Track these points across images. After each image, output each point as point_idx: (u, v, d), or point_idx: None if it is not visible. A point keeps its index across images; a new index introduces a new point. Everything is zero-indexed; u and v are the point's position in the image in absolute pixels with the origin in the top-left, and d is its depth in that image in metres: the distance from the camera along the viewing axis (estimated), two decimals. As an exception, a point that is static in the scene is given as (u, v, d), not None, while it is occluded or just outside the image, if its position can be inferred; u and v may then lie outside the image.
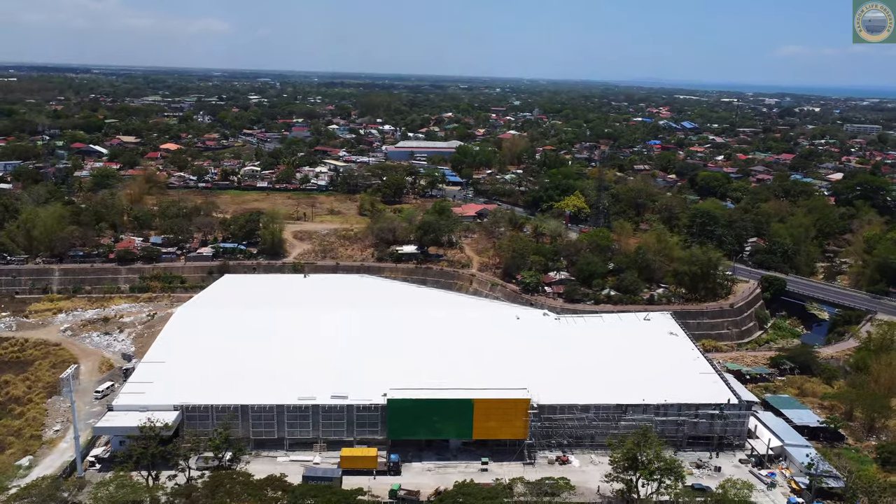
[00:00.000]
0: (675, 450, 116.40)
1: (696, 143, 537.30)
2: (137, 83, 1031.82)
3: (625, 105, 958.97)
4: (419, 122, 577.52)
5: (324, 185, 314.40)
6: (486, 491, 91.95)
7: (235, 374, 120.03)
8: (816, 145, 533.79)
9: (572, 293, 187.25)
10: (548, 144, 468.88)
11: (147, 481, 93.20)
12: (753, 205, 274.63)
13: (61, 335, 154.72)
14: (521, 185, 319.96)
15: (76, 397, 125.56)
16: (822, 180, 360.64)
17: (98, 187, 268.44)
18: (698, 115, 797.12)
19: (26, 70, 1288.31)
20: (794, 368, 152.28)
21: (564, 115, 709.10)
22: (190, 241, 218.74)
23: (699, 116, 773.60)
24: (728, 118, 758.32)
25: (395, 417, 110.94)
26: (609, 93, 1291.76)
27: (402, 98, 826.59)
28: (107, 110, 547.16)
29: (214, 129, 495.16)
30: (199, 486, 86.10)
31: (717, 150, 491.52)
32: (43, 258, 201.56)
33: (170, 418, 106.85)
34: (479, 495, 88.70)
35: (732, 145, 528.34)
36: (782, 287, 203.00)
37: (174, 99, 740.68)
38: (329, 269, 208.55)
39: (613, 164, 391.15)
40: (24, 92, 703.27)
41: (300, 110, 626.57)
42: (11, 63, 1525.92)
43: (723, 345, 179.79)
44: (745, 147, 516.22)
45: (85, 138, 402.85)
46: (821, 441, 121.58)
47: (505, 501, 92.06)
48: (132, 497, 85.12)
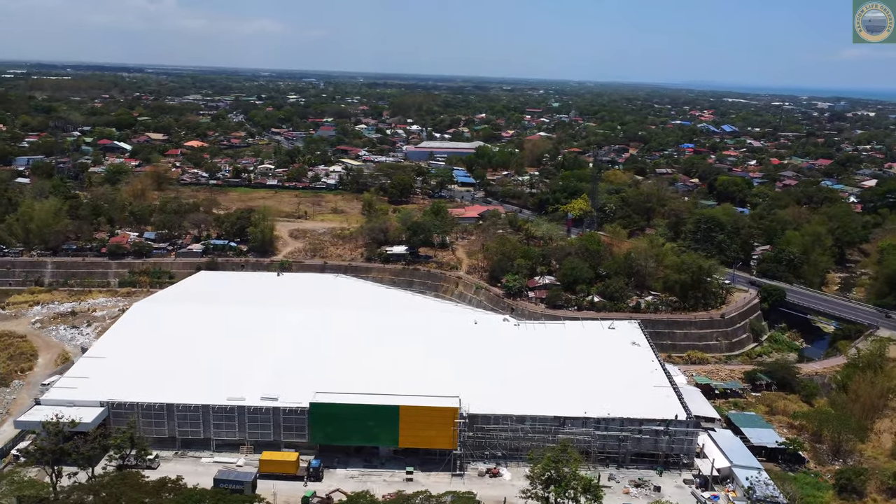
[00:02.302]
0: (617, 466, 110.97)
1: (731, 146, 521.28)
2: (184, 82, 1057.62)
3: (668, 107, 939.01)
4: (448, 123, 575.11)
5: (333, 184, 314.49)
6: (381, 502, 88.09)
7: (172, 371, 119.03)
8: (860, 151, 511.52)
9: (554, 299, 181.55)
10: (574, 146, 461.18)
11: (52, 478, 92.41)
12: (770, 211, 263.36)
13: (30, 327, 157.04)
14: (533, 187, 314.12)
15: (25, 390, 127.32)
16: (855, 187, 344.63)
17: (109, 183, 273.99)
18: (741, 118, 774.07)
19: (83, 69, 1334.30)
20: (771, 384, 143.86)
21: (600, 117, 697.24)
22: (182, 237, 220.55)
23: (742, 120, 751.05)
24: (772, 122, 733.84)
25: (319, 422, 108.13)
26: (654, 95, 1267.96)
27: (436, 99, 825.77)
28: (144, 108, 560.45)
29: (243, 127, 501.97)
30: (86, 486, 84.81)
31: (753, 155, 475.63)
32: (38, 251, 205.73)
33: (93, 415, 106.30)
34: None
35: (770, 150, 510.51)
36: (781, 298, 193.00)
37: (213, 98, 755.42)
38: (317, 268, 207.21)
39: (635, 166, 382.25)
40: (72, 90, 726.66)
41: (332, 110, 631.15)
42: (71, 62, 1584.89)
43: (710, 357, 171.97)
44: (783, 152, 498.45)
45: (114, 135, 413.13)
46: (779, 463, 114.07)
47: None
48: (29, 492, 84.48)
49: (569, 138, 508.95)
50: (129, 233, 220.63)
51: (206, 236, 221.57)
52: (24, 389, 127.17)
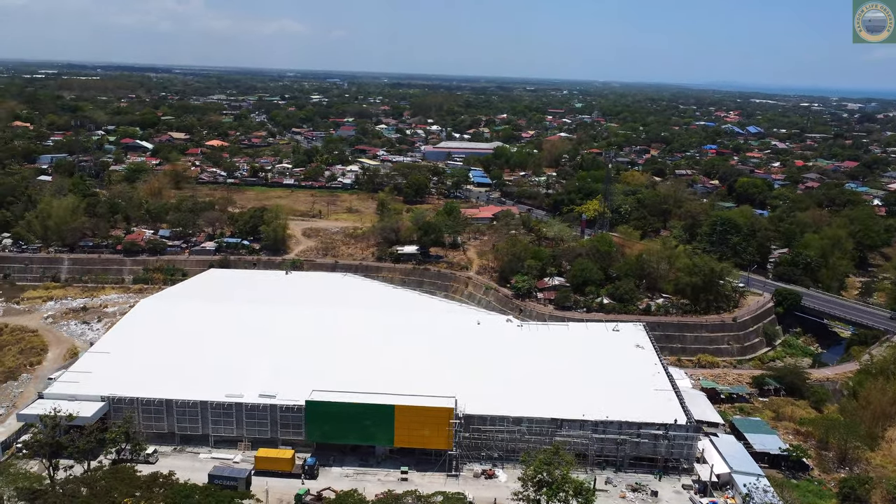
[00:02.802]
0: (616, 470, 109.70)
1: (755, 148, 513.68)
2: (210, 83, 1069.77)
3: (693, 108, 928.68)
4: (468, 123, 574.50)
5: (349, 184, 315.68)
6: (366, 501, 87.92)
7: (174, 367, 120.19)
8: (889, 153, 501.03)
9: (563, 300, 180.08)
10: (595, 147, 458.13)
11: (49, 470, 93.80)
12: (789, 213, 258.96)
13: (42, 322, 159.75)
14: (550, 187, 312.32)
15: (33, 383, 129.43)
16: (881, 190, 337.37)
17: (128, 181, 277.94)
18: (767, 119, 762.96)
19: (112, 69, 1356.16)
20: (779, 389, 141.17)
21: (622, 117, 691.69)
22: (196, 235, 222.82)
23: (768, 121, 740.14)
24: (799, 123, 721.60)
25: (315, 420, 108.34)
26: (679, 96, 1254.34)
27: (458, 99, 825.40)
28: (168, 108, 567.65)
29: (264, 127, 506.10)
30: (79, 479, 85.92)
31: (777, 157, 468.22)
32: (55, 247, 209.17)
33: (93, 409, 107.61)
34: None
35: (795, 151, 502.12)
36: (796, 302, 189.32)
37: (237, 98, 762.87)
38: (328, 267, 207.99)
39: (654, 167, 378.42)
40: (100, 90, 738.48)
41: (353, 110, 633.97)
42: (101, 63, 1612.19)
43: (721, 361, 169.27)
44: (808, 153, 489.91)
45: (137, 134, 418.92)
46: (782, 470, 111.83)
47: None
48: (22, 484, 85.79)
49: (589, 139, 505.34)
50: (145, 230, 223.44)
51: (219, 234, 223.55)
52: (32, 383, 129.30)
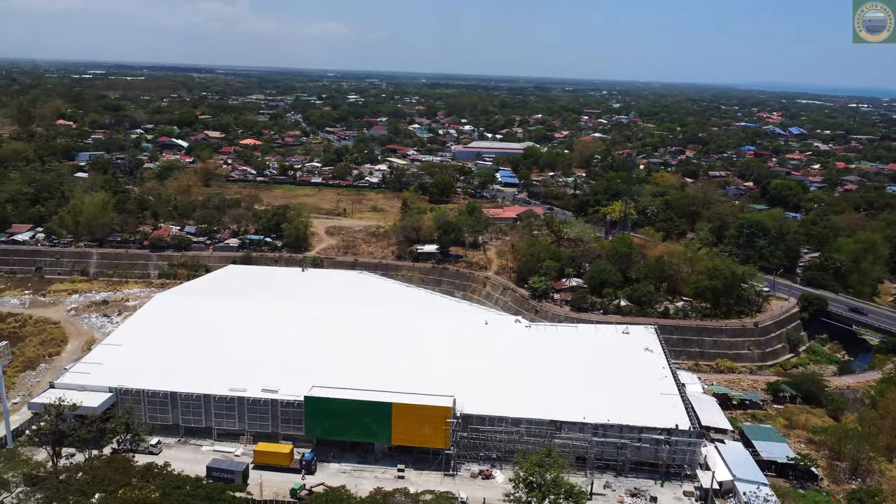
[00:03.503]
0: (616, 474, 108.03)
1: (796, 150, 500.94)
2: (251, 83, 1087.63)
3: (734, 109, 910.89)
4: (501, 123, 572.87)
5: (376, 183, 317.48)
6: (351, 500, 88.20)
7: (182, 360, 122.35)
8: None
9: (579, 301, 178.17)
10: (628, 148, 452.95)
11: (52, 458, 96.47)
12: (823, 216, 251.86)
13: (65, 315, 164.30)
14: (577, 188, 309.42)
15: (50, 374, 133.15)
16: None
17: (160, 178, 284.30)
18: (812, 120, 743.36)
19: (158, 70, 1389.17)
20: (795, 397, 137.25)
21: (660, 118, 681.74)
22: (221, 231, 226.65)
23: (812, 122, 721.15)
24: (844, 125, 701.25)
25: (314, 415, 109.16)
26: (721, 96, 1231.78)
27: (493, 99, 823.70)
28: (207, 107, 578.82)
29: (298, 126, 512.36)
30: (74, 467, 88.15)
31: (818, 158, 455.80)
32: (85, 242, 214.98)
33: (100, 399, 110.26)
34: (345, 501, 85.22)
35: (838, 153, 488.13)
36: (822, 307, 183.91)
37: (275, 97, 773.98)
38: (347, 265, 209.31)
39: (687, 169, 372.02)
40: (143, 90, 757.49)
41: (387, 109, 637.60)
42: (147, 63, 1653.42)
43: (740, 366, 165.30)
44: (851, 155, 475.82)
45: (173, 132, 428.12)
46: (790, 479, 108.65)
47: None
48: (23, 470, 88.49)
49: (623, 140, 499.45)
50: (172, 226, 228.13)
51: (243, 231, 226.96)
52: (49, 373, 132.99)
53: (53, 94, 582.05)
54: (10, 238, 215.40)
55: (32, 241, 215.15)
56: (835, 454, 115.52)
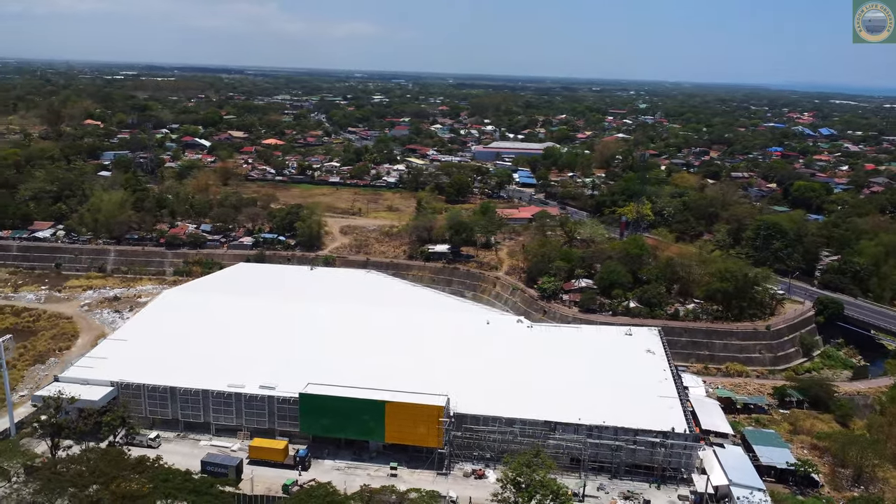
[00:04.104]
0: (611, 477, 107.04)
1: (825, 151, 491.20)
2: (278, 83, 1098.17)
3: (764, 109, 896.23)
4: (524, 124, 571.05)
5: (393, 182, 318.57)
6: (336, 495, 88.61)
7: (185, 355, 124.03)
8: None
9: (588, 302, 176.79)
10: (651, 148, 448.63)
11: (51, 450, 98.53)
12: (845, 219, 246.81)
13: (78, 310, 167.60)
14: (595, 189, 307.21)
15: (58, 367, 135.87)
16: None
17: (180, 177, 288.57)
18: (843, 121, 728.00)
19: (189, 70, 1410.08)
20: (802, 402, 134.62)
21: (686, 118, 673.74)
22: (236, 230, 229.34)
23: (843, 123, 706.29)
24: (878, 125, 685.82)
25: (308, 412, 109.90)
26: (752, 96, 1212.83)
27: (518, 99, 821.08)
28: (232, 108, 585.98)
29: (321, 126, 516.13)
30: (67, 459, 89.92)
31: (847, 160, 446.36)
32: (103, 239, 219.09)
33: (101, 393, 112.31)
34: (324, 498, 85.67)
35: (868, 154, 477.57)
36: (838, 311, 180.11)
37: (301, 98, 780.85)
38: (359, 264, 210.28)
39: (709, 170, 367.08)
40: (172, 90, 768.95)
41: (411, 110, 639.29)
42: (178, 64, 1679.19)
43: (751, 370, 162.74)
44: (882, 157, 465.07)
45: (197, 132, 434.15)
46: (789, 485, 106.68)
47: None
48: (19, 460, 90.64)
49: (646, 140, 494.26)
50: (188, 225, 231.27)
51: (257, 230, 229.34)
52: (58, 367, 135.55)
53: (83, 94, 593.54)
54: (32, 235, 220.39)
55: (53, 238, 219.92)
56: (839, 461, 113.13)
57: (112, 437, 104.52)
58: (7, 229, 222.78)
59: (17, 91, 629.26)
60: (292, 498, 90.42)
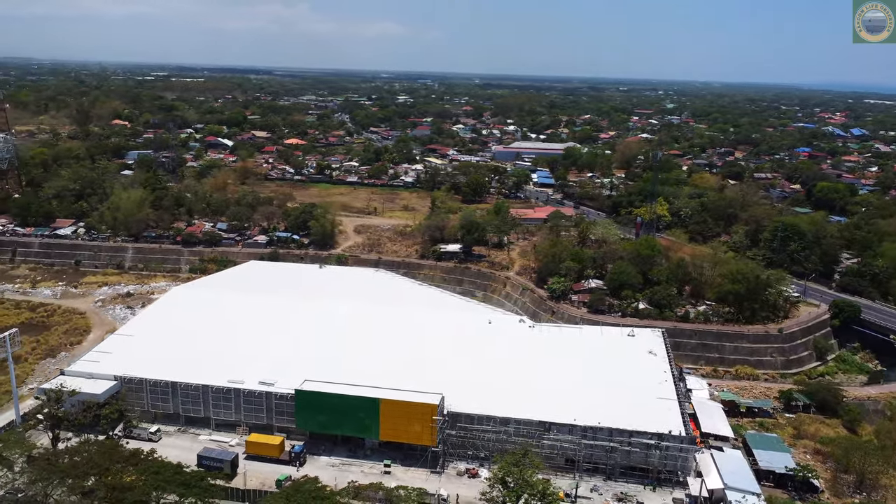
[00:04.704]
0: (605, 478, 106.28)
1: (854, 151, 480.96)
2: (306, 84, 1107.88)
3: (795, 109, 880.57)
4: (547, 124, 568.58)
5: (410, 182, 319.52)
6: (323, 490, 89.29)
7: (188, 351, 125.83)
8: None
9: (597, 303, 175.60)
10: (675, 149, 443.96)
11: (52, 441, 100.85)
12: (868, 221, 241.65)
13: (92, 306, 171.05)
14: (613, 189, 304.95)
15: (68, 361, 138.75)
16: None
17: (201, 177, 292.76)
18: (877, 121, 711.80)
19: (218, 71, 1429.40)
20: (809, 406, 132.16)
21: (713, 118, 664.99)
22: (251, 228, 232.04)
23: (877, 123, 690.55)
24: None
25: (304, 409, 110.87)
26: (783, 96, 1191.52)
27: (542, 100, 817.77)
28: (257, 108, 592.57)
29: (344, 126, 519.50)
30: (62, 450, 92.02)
31: (878, 161, 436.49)
32: (122, 237, 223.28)
33: (104, 387, 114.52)
34: (312, 493, 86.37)
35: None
36: (855, 315, 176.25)
37: (326, 98, 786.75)
38: (371, 263, 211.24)
39: (731, 170, 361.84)
40: (200, 91, 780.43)
41: (434, 110, 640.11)
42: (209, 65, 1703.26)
43: (761, 373, 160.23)
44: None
45: (221, 132, 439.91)
46: (788, 490, 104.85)
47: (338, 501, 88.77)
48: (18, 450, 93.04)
49: (670, 140, 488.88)
50: (205, 223, 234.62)
51: (272, 228, 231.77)
52: (68, 361, 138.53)
53: (113, 95, 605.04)
54: (53, 232, 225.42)
55: (74, 235, 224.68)
56: (841, 466, 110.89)
57: (111, 429, 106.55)
58: (30, 226, 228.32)
59: (50, 92, 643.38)
60: (280, 492, 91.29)
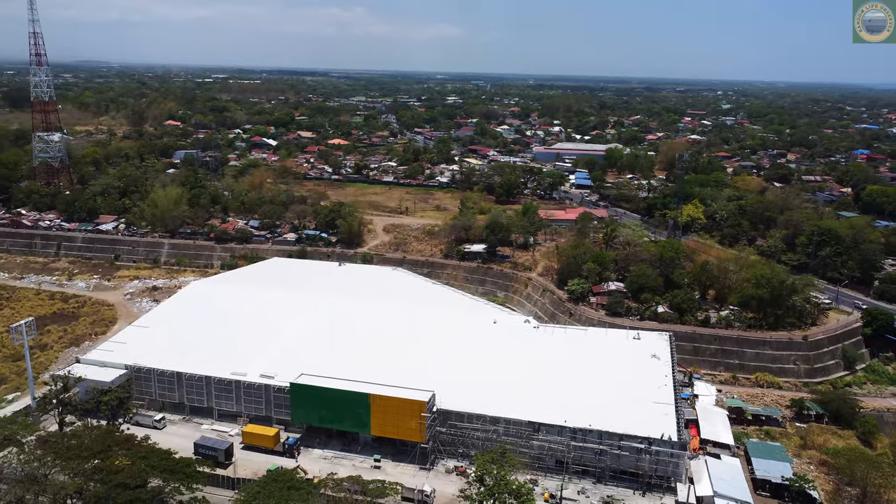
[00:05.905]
0: (595, 481, 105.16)
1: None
2: (358, 85, 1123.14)
3: (861, 110, 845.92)
4: (593, 125, 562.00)
5: (445, 182, 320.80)
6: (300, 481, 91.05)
7: (197, 343, 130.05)
8: None
9: (615, 306, 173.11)
10: (724, 150, 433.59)
11: (59, 424, 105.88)
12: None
13: (121, 298, 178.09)
14: (651, 191, 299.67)
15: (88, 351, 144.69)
16: None
17: (241, 175, 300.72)
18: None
19: (276, 73, 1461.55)
20: (822, 416, 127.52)
21: (769, 119, 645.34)
22: (282, 226, 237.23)
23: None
24: None
25: (299, 402, 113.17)
26: (850, 97, 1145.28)
27: (591, 100, 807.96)
28: (306, 109, 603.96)
29: (389, 127, 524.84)
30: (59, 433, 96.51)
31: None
32: (159, 233, 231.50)
33: (113, 375, 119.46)
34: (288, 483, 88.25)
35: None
36: (888, 323, 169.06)
37: (376, 99, 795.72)
38: (396, 261, 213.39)
39: (778, 173, 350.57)
40: (253, 92, 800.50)
41: (480, 110, 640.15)
42: (267, 67, 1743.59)
43: (783, 382, 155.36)
44: None
45: (267, 132, 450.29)
46: (785, 501, 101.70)
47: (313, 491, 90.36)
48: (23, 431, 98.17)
49: (720, 142, 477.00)
50: (238, 220, 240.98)
51: (302, 226, 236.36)
52: (89, 350, 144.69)
53: (170, 96, 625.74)
54: (96, 227, 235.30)
55: (114, 230, 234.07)
56: (846, 478, 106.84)
57: (111, 415, 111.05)
58: (76, 222, 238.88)
59: (113, 93, 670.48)
60: (258, 480, 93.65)
